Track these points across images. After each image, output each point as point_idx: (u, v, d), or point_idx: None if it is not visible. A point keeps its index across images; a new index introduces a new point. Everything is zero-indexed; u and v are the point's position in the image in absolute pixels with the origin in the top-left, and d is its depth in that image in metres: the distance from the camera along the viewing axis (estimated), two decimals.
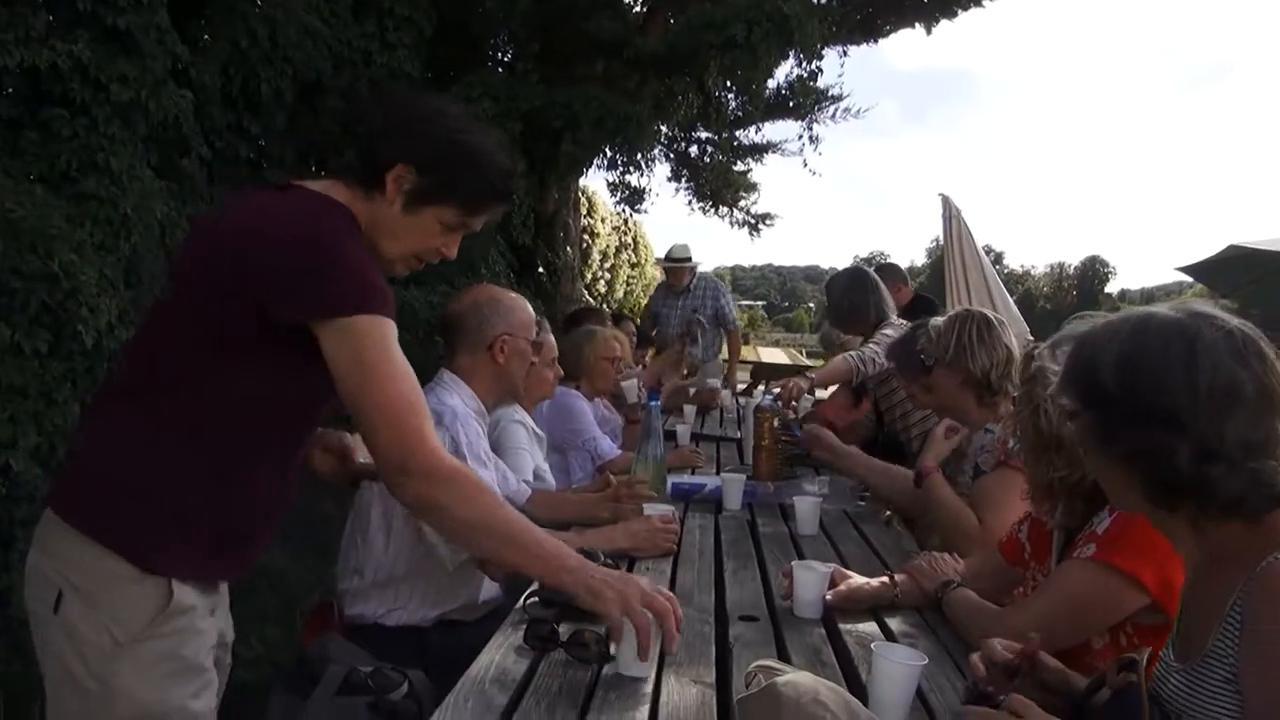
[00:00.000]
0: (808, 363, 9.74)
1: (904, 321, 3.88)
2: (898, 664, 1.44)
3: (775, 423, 3.22)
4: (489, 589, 2.36)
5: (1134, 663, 1.22)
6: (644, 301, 26.68)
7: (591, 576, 1.45)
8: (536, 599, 1.81)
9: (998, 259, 76.15)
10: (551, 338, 3.12)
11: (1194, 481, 1.14)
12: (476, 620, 2.32)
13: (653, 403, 2.85)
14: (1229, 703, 1.11)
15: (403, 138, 1.54)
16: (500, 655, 1.60)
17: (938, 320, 2.78)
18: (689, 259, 6.72)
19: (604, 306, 17.42)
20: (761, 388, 10.96)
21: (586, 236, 15.98)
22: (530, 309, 2.57)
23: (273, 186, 1.57)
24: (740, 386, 10.91)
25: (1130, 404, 1.16)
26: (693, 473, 3.42)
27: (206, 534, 1.49)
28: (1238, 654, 1.10)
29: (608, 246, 18.35)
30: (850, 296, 4.02)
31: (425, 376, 2.97)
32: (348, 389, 1.42)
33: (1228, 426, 1.12)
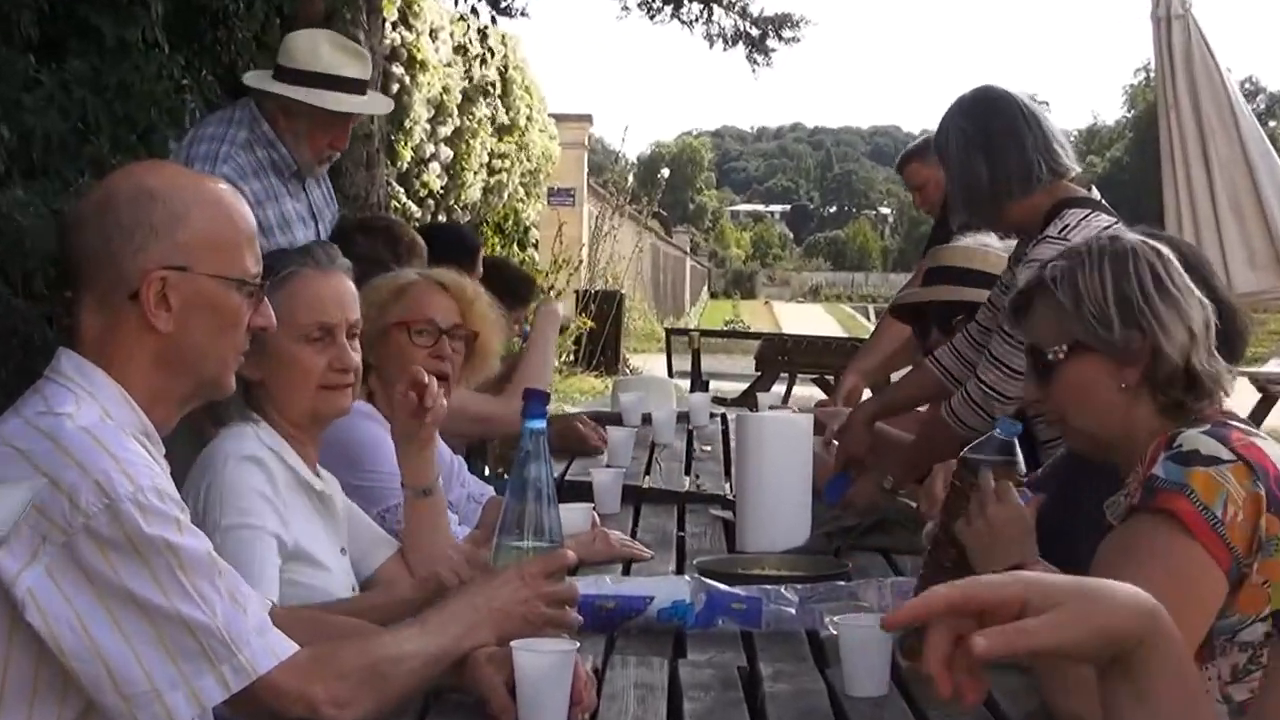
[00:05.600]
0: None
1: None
2: None
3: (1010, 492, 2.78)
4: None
5: None
6: (521, 207, 26.43)
7: None
8: None
9: (1272, 106, 77.34)
10: (340, 283, 3.15)
11: None
12: None
13: (532, 424, 2.84)
14: None
15: None
16: None
17: (1072, 248, 2.88)
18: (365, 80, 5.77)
19: (440, 218, 17.44)
20: (799, 398, 10.99)
21: (400, 69, 15.88)
22: (236, 206, 2.52)
23: None
24: (729, 388, 11.03)
25: None
26: (626, 572, 3.45)
27: None
28: None
29: (445, 92, 18.26)
30: (987, 148, 4.13)
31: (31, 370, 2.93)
32: None
33: None
